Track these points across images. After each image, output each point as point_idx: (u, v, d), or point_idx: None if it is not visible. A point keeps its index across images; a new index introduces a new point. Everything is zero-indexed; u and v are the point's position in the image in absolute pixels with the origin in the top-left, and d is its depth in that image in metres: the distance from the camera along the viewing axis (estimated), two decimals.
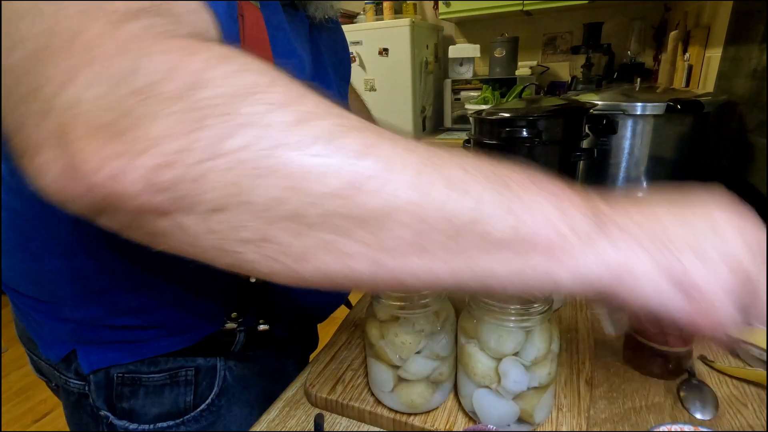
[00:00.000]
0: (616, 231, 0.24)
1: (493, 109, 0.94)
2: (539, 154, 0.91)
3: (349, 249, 0.22)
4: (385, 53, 2.19)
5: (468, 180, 0.23)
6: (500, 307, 0.39)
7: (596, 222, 0.24)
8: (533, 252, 0.23)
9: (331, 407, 0.48)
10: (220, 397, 0.52)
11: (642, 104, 0.95)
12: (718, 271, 0.24)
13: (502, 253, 0.23)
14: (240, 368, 0.54)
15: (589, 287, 0.24)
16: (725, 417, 0.44)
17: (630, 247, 0.24)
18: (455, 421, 0.44)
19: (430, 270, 0.23)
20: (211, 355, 0.51)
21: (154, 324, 0.47)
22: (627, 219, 0.25)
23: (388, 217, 0.22)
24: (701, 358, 0.52)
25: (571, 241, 0.23)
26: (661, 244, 0.24)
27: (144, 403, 0.49)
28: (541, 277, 0.24)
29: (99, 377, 0.48)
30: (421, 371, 0.42)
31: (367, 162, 0.21)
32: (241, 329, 0.51)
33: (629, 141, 1.00)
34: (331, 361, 0.53)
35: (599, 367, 0.52)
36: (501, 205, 0.23)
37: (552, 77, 2.47)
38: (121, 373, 0.48)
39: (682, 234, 0.24)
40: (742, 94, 1.04)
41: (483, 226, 0.23)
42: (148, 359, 0.48)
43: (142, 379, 0.49)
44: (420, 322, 0.41)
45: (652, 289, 0.24)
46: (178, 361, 0.49)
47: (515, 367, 0.39)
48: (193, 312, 0.48)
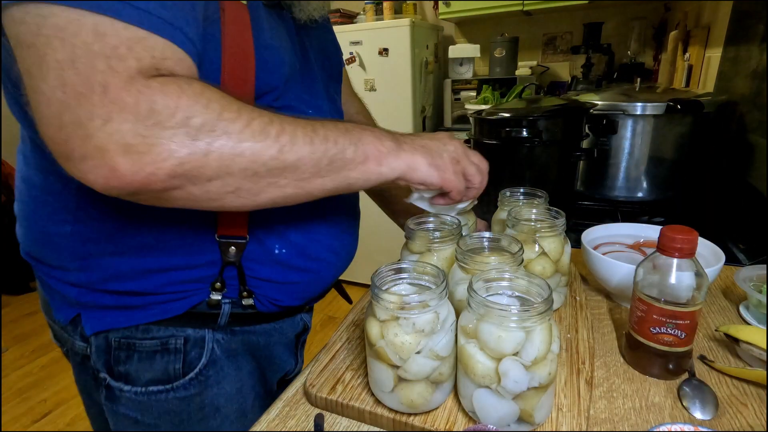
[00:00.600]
0: (406, 147, 0.50)
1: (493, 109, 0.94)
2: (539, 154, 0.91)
3: (282, 183, 0.43)
4: (385, 53, 2.19)
5: (332, 135, 0.45)
6: (500, 307, 0.39)
7: (396, 143, 0.49)
8: (368, 162, 0.47)
9: (331, 407, 0.48)
10: (208, 368, 0.55)
11: (642, 104, 0.95)
12: (445, 159, 0.52)
13: (355, 166, 0.46)
14: (228, 341, 0.57)
15: (396, 175, 0.49)
16: (725, 417, 0.44)
17: (413, 153, 0.50)
18: (455, 421, 0.44)
19: (324, 185, 0.45)
20: (200, 327, 0.55)
21: (145, 290, 0.52)
22: (409, 140, 0.51)
23: (298, 163, 0.43)
24: (701, 358, 0.52)
25: (386, 153, 0.48)
26: (425, 150, 0.51)
27: (138, 368, 0.53)
28: (374, 175, 0.48)
29: (99, 341, 0.53)
30: (421, 371, 0.42)
31: (283, 138, 0.42)
32: (226, 301, 0.55)
33: (629, 141, 1.00)
34: (331, 361, 0.53)
35: (599, 367, 0.52)
36: (349, 142, 0.46)
37: (552, 77, 2.47)
38: (117, 338, 0.53)
39: (433, 146, 0.52)
40: (742, 94, 1.04)
41: (343, 155, 0.45)
42: (142, 326, 0.53)
43: (136, 344, 0.53)
44: (420, 322, 0.41)
45: (424, 172, 0.50)
46: (169, 330, 0.54)
47: (515, 367, 0.39)
48: (181, 280, 0.52)
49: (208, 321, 0.55)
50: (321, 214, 0.59)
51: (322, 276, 0.62)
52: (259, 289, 0.57)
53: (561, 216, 0.59)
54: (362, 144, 0.46)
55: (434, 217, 0.61)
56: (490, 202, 0.71)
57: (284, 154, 0.41)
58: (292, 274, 0.58)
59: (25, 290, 2.73)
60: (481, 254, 0.52)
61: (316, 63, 0.62)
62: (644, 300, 0.49)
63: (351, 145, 0.46)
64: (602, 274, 0.63)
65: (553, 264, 0.58)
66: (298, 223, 0.57)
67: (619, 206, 1.03)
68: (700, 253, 0.54)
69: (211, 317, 0.55)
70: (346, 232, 0.64)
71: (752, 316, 0.59)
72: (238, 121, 0.39)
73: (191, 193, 0.39)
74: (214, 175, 0.39)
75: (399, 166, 0.48)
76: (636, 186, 1.03)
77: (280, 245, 0.56)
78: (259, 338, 0.61)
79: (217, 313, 0.55)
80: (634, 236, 0.71)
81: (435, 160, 0.50)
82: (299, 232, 0.57)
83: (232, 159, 0.39)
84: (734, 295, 0.66)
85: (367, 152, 0.46)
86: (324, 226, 0.60)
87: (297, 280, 0.59)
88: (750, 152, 0.97)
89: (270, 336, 0.62)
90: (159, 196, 0.39)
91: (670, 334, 0.48)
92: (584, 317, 0.59)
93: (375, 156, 0.47)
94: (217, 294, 0.54)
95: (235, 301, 0.56)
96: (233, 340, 0.58)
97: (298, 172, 0.43)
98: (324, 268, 0.61)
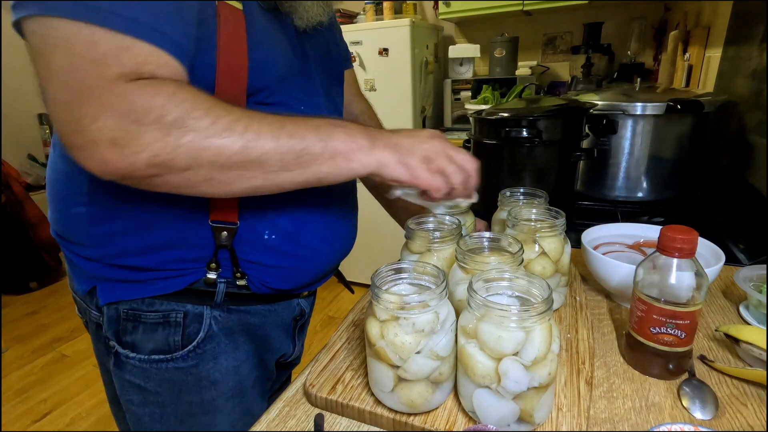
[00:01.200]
0: (380, 144, 0.51)
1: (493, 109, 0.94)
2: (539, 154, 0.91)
3: (249, 176, 0.47)
4: (385, 53, 2.19)
5: (300, 132, 0.48)
6: (500, 307, 0.39)
7: (370, 141, 0.51)
8: (337, 158, 0.49)
9: (331, 407, 0.48)
10: (205, 343, 0.59)
11: (642, 104, 0.95)
12: (416, 157, 0.52)
13: (324, 161, 0.49)
14: (225, 319, 0.61)
15: (368, 171, 0.50)
16: (725, 417, 0.44)
17: (384, 150, 0.51)
18: (455, 421, 0.44)
19: (293, 178, 0.49)
20: (199, 303, 0.59)
21: (149, 266, 0.56)
22: (384, 138, 0.52)
23: (263, 158, 0.46)
24: (701, 358, 0.52)
25: (356, 150, 0.50)
26: (396, 147, 0.52)
27: (142, 338, 0.58)
28: (345, 170, 0.50)
29: (111, 312, 0.59)
30: (421, 371, 0.42)
31: (248, 135, 0.45)
32: (222, 280, 0.59)
33: (629, 141, 1.00)
34: (331, 361, 0.53)
35: (599, 367, 0.52)
36: (318, 138, 0.48)
37: (552, 77, 2.47)
38: (126, 310, 0.58)
39: (406, 143, 0.53)
40: (742, 94, 1.04)
41: (310, 150, 0.48)
42: (148, 299, 0.58)
43: (141, 316, 0.58)
44: (420, 322, 0.41)
45: (394, 169, 0.51)
46: (170, 305, 0.58)
47: (515, 367, 0.39)
48: (179, 258, 0.57)
49: (205, 298, 0.59)
50: (313, 203, 0.61)
51: (313, 263, 0.64)
52: (251, 271, 0.60)
53: (561, 216, 0.59)
54: (332, 140, 0.49)
55: (434, 217, 0.61)
56: (490, 202, 0.71)
57: (249, 149, 0.45)
58: (282, 259, 0.60)
59: (25, 290, 2.73)
60: (481, 254, 0.52)
61: (315, 62, 0.64)
62: (644, 300, 0.49)
63: (319, 141, 0.48)
64: (602, 274, 0.63)
65: (553, 264, 0.58)
66: (289, 210, 0.60)
67: (619, 206, 1.03)
68: (700, 253, 0.54)
69: (208, 294, 0.59)
70: (339, 223, 0.66)
71: (752, 316, 0.59)
72: (205, 118, 0.43)
73: (170, 180, 0.45)
74: (186, 166, 0.44)
75: (370, 162, 0.50)
76: (636, 186, 1.03)
77: (270, 231, 0.59)
78: (254, 318, 0.64)
79: (213, 291, 0.59)
80: (634, 236, 0.71)
81: (404, 158, 0.51)
82: (289, 220, 0.60)
83: (199, 152, 0.43)
84: (734, 295, 0.66)
85: (336, 148, 0.49)
86: (316, 215, 0.62)
87: (286, 264, 0.61)
88: (750, 152, 0.97)
89: (265, 317, 0.65)
90: (144, 181, 0.45)
91: (670, 334, 0.48)
92: (584, 317, 0.60)
93: (344, 152, 0.49)
94: (212, 273, 0.58)
95: (230, 281, 0.59)
96: (230, 318, 0.61)
97: (264, 165, 0.46)
98: (314, 256, 0.63)
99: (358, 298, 0.70)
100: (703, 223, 0.92)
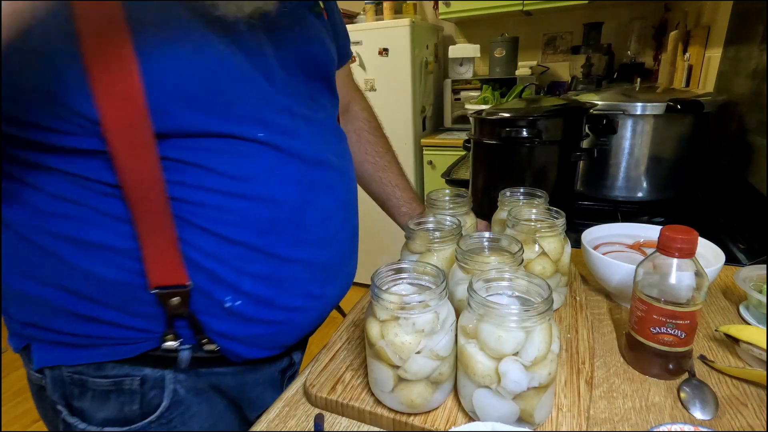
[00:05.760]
0: None
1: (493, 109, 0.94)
2: (539, 154, 0.91)
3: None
4: (385, 53, 2.19)
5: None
6: (500, 307, 0.39)
7: None
8: None
9: (331, 407, 0.48)
10: (171, 410, 0.51)
11: (642, 104, 0.95)
12: None
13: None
14: (194, 382, 0.52)
15: None
16: (725, 417, 0.44)
17: None
18: (455, 421, 0.44)
19: None
20: (159, 368, 0.50)
21: (86, 334, 0.48)
22: None
23: None
24: (701, 358, 0.52)
25: None
26: None
27: (92, 406, 0.50)
28: None
29: (55, 373, 0.50)
30: (421, 371, 0.42)
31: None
32: (185, 348, 0.50)
33: (629, 141, 1.00)
34: (331, 361, 0.53)
35: (599, 367, 0.52)
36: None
37: (552, 77, 2.47)
38: (70, 373, 0.49)
39: None
40: (742, 94, 1.04)
41: None
42: (95, 364, 0.49)
43: (89, 382, 0.49)
44: (420, 322, 0.41)
45: None
46: (124, 369, 0.49)
47: (515, 367, 0.39)
48: (120, 330, 0.47)
49: (167, 363, 0.50)
50: (290, 255, 0.50)
51: (298, 325, 0.54)
52: (220, 341, 0.50)
53: (561, 216, 0.59)
54: None
55: (434, 217, 0.61)
56: (490, 202, 0.71)
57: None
58: (254, 327, 0.50)
59: None
60: (481, 254, 0.52)
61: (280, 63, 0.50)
62: (644, 300, 0.49)
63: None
64: (602, 274, 0.63)
65: (553, 264, 0.58)
66: (258, 267, 0.48)
67: (619, 206, 1.03)
68: (700, 253, 0.54)
69: (169, 360, 0.50)
70: (330, 270, 0.55)
71: (752, 316, 0.59)
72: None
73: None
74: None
75: None
76: (636, 186, 1.03)
77: (233, 297, 0.48)
78: (230, 380, 0.55)
79: (175, 357, 0.50)
80: (634, 236, 0.71)
81: None
82: (258, 281, 0.48)
83: None
84: (734, 295, 0.66)
85: None
86: (297, 268, 0.51)
87: (261, 332, 0.51)
88: (750, 152, 0.97)
89: (244, 376, 0.56)
90: None
91: (670, 334, 0.48)
92: (584, 317, 0.59)
93: None
94: (171, 342, 0.48)
95: (195, 346, 0.50)
96: (200, 380, 0.52)
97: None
98: (298, 317, 0.53)
99: (358, 298, 0.70)
100: (703, 223, 0.92)
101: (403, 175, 0.82)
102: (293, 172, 0.49)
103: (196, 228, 0.45)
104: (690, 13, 1.62)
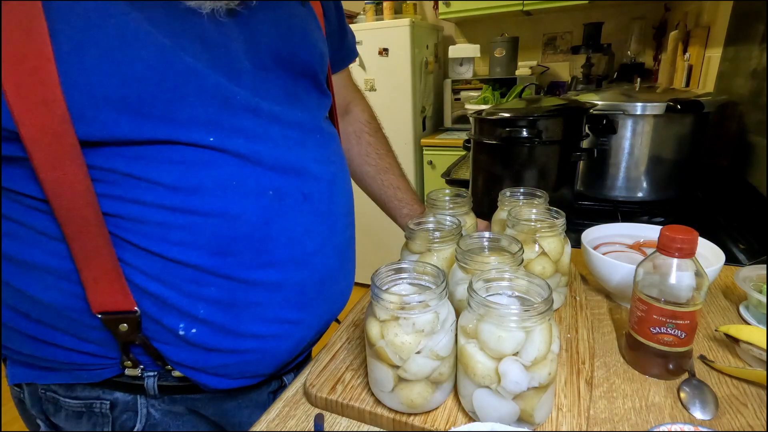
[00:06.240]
0: None
1: (493, 109, 0.94)
2: (539, 154, 0.91)
3: None
4: (385, 53, 2.19)
5: None
6: (500, 307, 0.39)
7: None
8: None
9: (331, 407, 0.48)
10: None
11: (642, 104, 0.95)
12: None
13: None
14: (169, 406, 0.49)
15: None
16: (725, 417, 0.44)
17: None
18: (455, 421, 0.44)
19: None
20: (130, 392, 0.47)
21: (46, 357, 0.45)
22: None
23: None
24: (701, 358, 0.52)
25: None
26: None
27: (66, 424, 0.48)
28: None
29: (31, 388, 0.49)
30: (421, 371, 0.42)
31: None
32: (150, 374, 0.46)
33: (629, 141, 1.00)
34: (331, 361, 0.53)
35: (599, 367, 0.52)
36: None
37: (552, 77, 2.47)
38: (44, 391, 0.48)
39: None
40: (742, 94, 1.04)
41: None
42: (65, 384, 0.47)
43: (60, 401, 0.48)
44: (420, 322, 0.41)
45: None
46: (94, 391, 0.47)
47: (515, 367, 0.39)
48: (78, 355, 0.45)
49: (135, 388, 0.47)
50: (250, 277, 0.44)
51: (275, 352, 0.49)
52: (183, 371, 0.46)
53: (561, 216, 0.59)
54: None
55: (434, 217, 0.61)
56: (490, 202, 0.71)
57: None
58: (218, 357, 0.45)
59: None
60: (481, 254, 0.52)
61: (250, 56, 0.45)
62: (644, 300, 0.49)
63: None
64: (602, 274, 0.63)
65: (553, 264, 0.58)
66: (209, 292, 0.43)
67: (619, 206, 1.03)
68: (700, 253, 0.54)
69: (137, 386, 0.47)
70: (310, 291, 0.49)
71: (752, 316, 0.59)
72: None
73: None
74: None
75: None
76: (636, 186, 1.03)
77: (186, 324, 0.43)
78: (209, 407, 0.51)
79: (141, 383, 0.47)
80: (634, 236, 0.71)
81: None
82: (212, 306, 0.43)
83: None
84: (734, 295, 0.66)
85: None
86: (260, 292, 0.45)
87: (227, 362, 0.46)
88: (750, 152, 0.97)
89: (223, 402, 0.51)
90: None
91: (670, 334, 0.48)
92: (584, 317, 0.59)
93: None
94: (132, 370, 0.45)
95: (161, 373, 0.46)
96: (175, 405, 0.49)
97: None
98: (273, 344, 0.48)
99: (358, 298, 0.70)
100: (703, 223, 0.92)
101: (403, 177, 0.81)
102: (255, 182, 0.43)
103: (137, 248, 0.40)
104: (690, 13, 1.62)
